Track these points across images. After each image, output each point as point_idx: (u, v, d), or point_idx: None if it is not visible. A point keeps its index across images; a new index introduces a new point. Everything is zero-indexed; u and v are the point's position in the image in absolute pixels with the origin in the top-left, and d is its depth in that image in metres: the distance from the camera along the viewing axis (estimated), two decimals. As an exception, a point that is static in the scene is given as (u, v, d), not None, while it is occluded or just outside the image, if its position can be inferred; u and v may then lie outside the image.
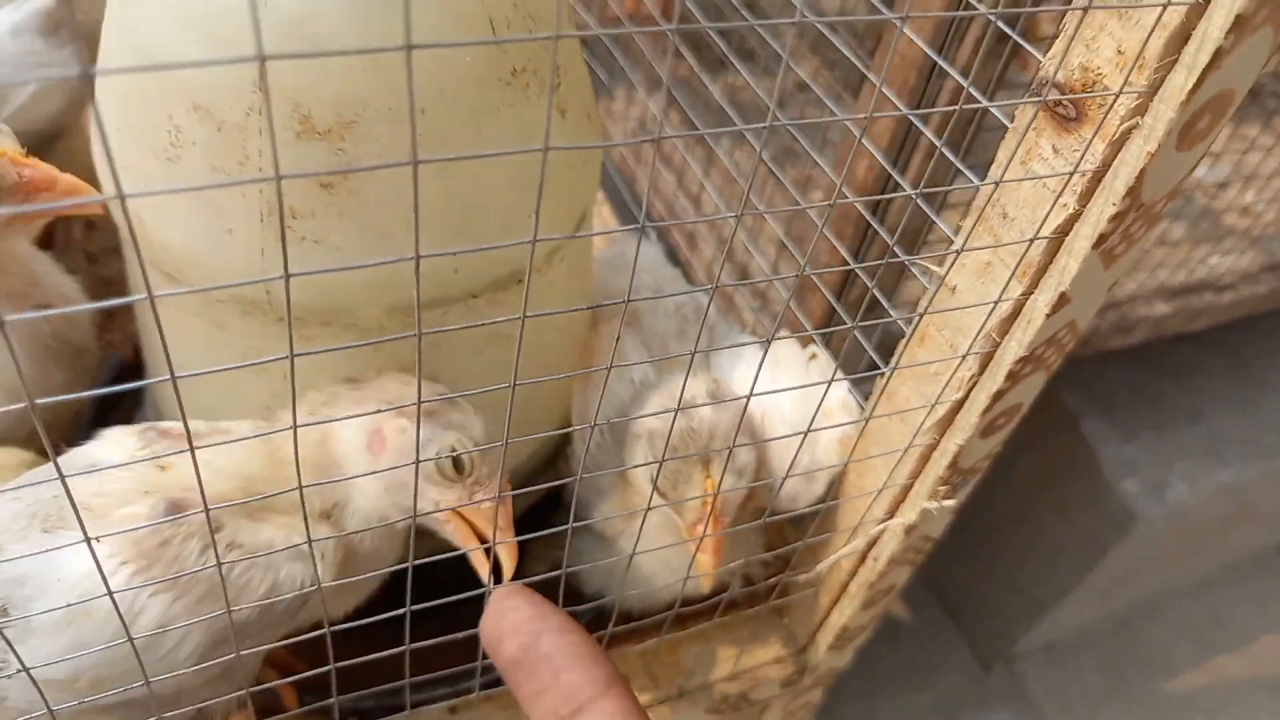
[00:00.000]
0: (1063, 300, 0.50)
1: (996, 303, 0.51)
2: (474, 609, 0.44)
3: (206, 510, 0.37)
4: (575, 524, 0.63)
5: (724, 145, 1.11)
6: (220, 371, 0.37)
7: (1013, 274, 0.51)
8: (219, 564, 0.41)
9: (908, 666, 1.53)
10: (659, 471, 0.62)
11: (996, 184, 0.49)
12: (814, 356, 0.70)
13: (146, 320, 0.64)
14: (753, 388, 0.51)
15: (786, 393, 0.68)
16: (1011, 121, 0.50)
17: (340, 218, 0.51)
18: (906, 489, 0.60)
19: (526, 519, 0.62)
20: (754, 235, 0.99)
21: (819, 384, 0.63)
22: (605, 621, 0.61)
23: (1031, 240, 0.49)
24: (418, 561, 0.46)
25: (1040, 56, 0.47)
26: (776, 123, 0.35)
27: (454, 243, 0.54)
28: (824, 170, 0.73)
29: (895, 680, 1.53)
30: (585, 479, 0.70)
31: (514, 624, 0.38)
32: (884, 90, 0.73)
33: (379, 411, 0.51)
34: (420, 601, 0.47)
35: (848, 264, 0.76)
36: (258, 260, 0.52)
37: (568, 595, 0.55)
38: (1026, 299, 0.51)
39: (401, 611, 0.49)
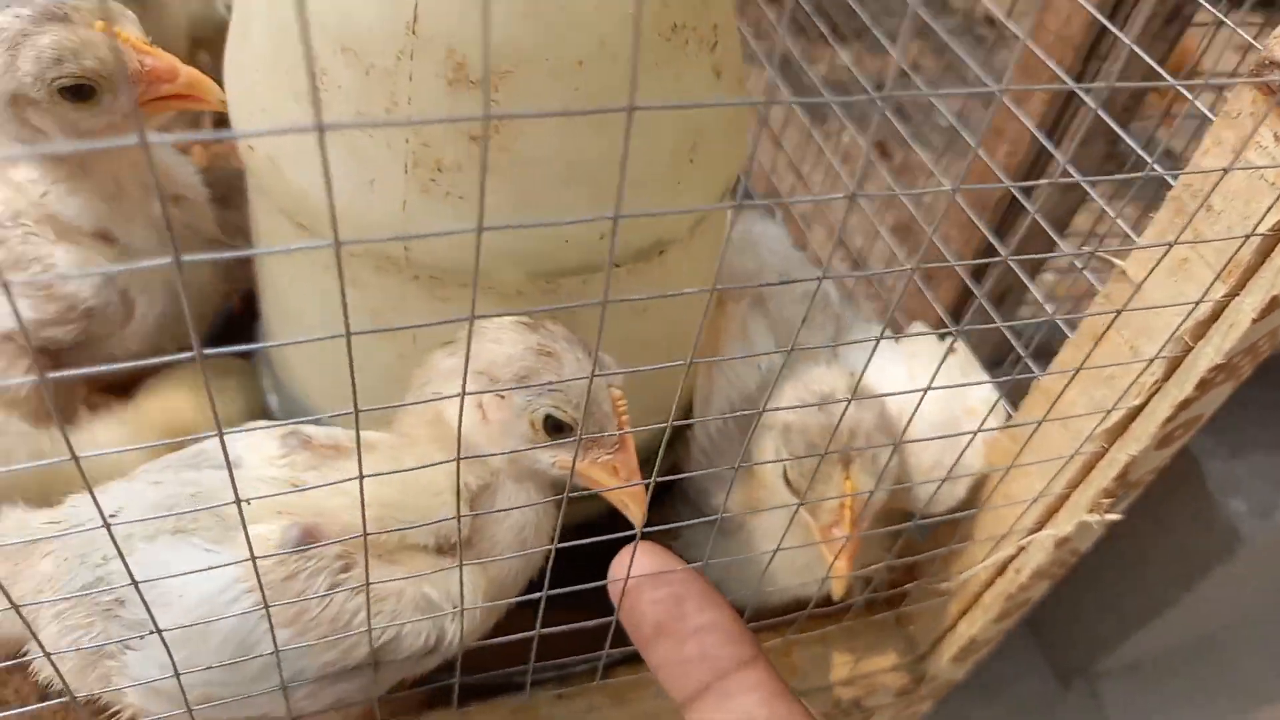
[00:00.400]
0: (1274, 304, 0.45)
1: (1196, 304, 0.47)
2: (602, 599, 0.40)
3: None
4: (697, 520, 0.60)
5: (834, 126, 1.07)
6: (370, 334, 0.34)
7: (1218, 275, 0.46)
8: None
9: (982, 677, 1.48)
10: (787, 468, 0.59)
11: (1225, 171, 0.44)
12: (953, 350, 0.66)
13: (271, 274, 0.61)
14: (914, 390, 0.47)
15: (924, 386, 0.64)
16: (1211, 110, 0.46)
17: (488, 174, 0.48)
18: (1063, 499, 0.56)
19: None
20: (880, 216, 0.94)
21: (981, 382, 0.59)
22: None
23: (1246, 237, 0.44)
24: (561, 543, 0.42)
25: None
26: (906, 92, 0.31)
27: (607, 206, 0.50)
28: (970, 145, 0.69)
29: (967, 691, 1.48)
30: (703, 465, 0.67)
31: (655, 586, 0.35)
32: (1042, 57, 0.68)
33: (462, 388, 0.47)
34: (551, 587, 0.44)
35: (989, 254, 0.72)
36: (399, 214, 0.49)
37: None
38: (1230, 301, 0.47)
39: (537, 596, 0.46)
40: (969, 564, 0.61)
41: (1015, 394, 0.61)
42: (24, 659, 0.44)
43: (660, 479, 0.46)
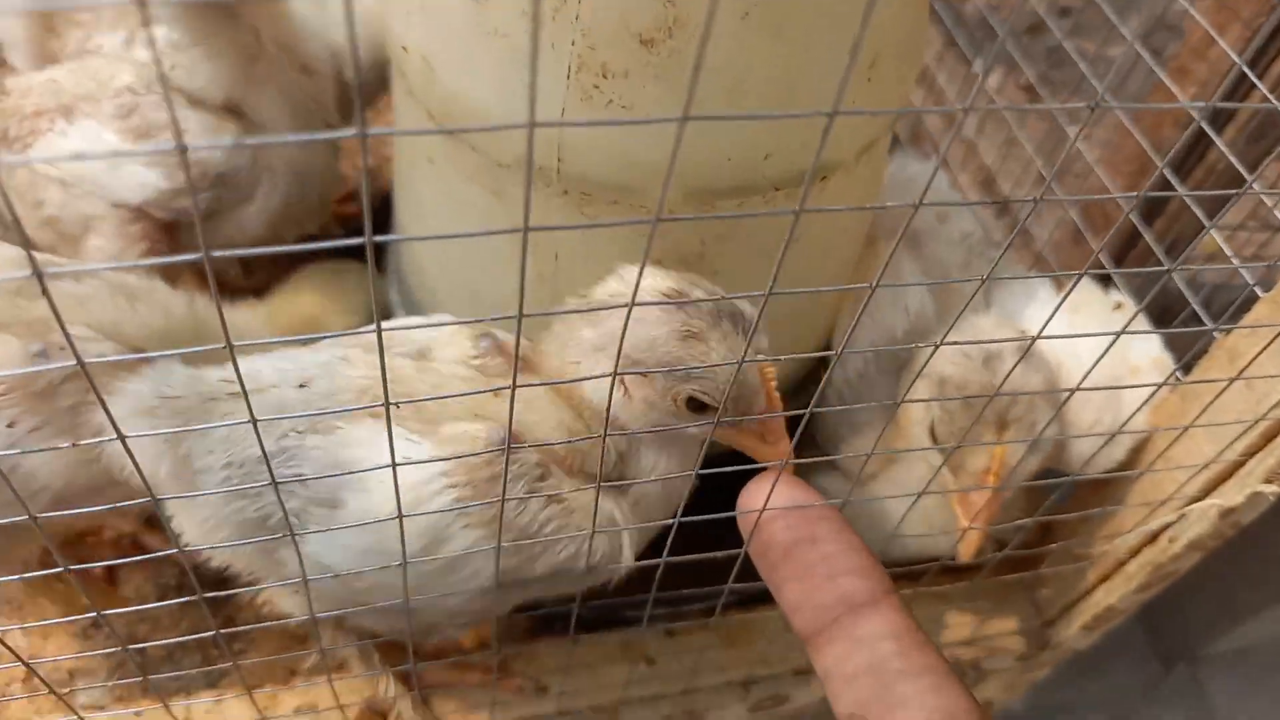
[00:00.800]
0: None
1: None
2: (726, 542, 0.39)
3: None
4: (820, 458, 0.57)
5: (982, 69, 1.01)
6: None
7: None
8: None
9: (1080, 650, 1.44)
10: (936, 422, 0.56)
11: None
12: (1119, 306, 0.62)
13: (409, 176, 0.60)
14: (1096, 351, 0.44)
15: (1088, 344, 0.60)
16: None
17: (655, 82, 0.45)
18: (1234, 466, 0.52)
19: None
20: (1051, 156, 0.89)
21: (1165, 330, 0.56)
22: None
23: None
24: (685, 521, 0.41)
25: None
26: None
27: (773, 121, 0.48)
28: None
29: (1064, 663, 1.44)
30: (838, 411, 0.65)
31: (789, 512, 0.33)
32: None
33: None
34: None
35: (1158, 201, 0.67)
36: (555, 118, 0.47)
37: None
38: None
39: (669, 522, 0.44)
40: (1118, 530, 0.58)
41: (1180, 353, 0.57)
42: (151, 556, 0.43)
43: (804, 411, 0.43)
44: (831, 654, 0.31)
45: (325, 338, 0.50)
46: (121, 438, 0.28)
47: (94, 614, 0.36)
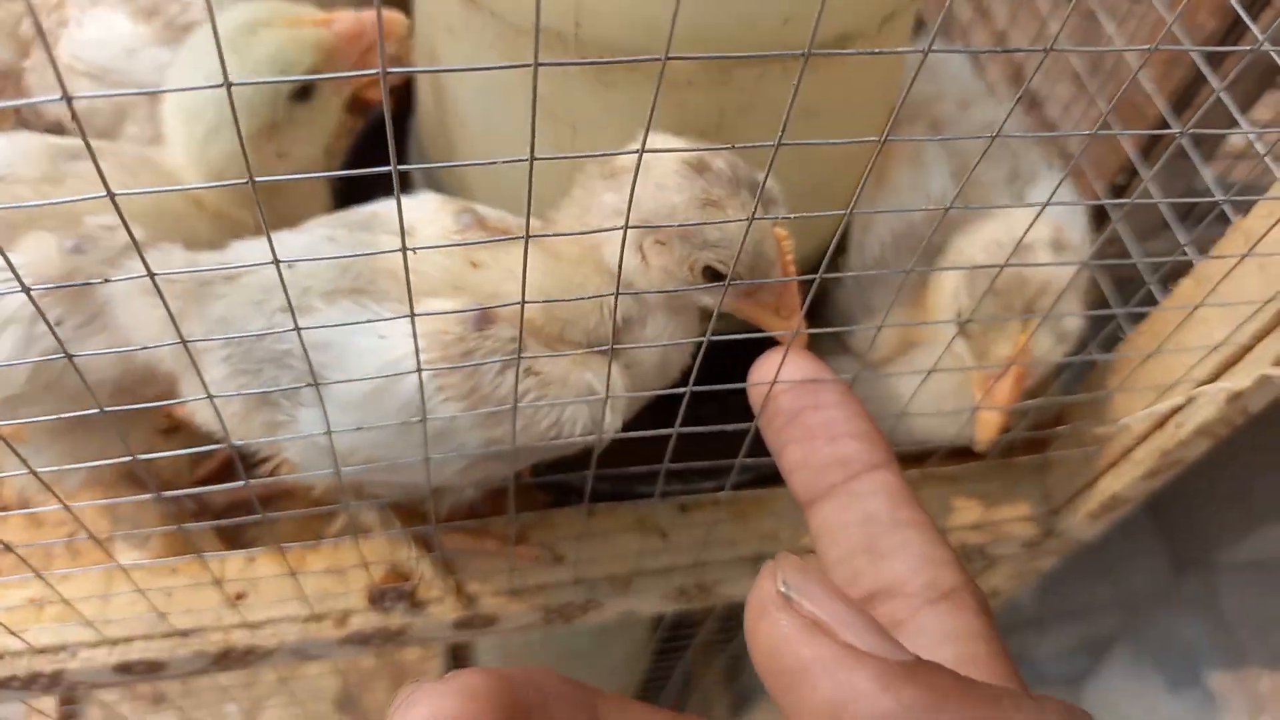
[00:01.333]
0: None
1: None
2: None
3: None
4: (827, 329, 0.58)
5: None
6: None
7: None
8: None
9: (1091, 551, 1.46)
10: (962, 310, 0.57)
11: None
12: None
13: (433, 51, 0.60)
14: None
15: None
16: None
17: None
18: (1244, 350, 0.53)
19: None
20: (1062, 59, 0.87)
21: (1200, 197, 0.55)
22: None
23: None
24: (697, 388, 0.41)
25: None
26: None
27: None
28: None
29: (1076, 565, 1.46)
30: (855, 295, 0.65)
31: (794, 378, 0.34)
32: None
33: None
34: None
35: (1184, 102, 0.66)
36: (574, -11, 0.47)
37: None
38: None
39: (682, 391, 0.45)
40: (1127, 413, 0.59)
41: (1201, 247, 0.57)
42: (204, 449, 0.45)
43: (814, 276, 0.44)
44: (824, 510, 0.32)
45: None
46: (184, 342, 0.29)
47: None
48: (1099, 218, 0.72)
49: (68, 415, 0.38)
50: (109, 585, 0.58)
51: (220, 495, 0.65)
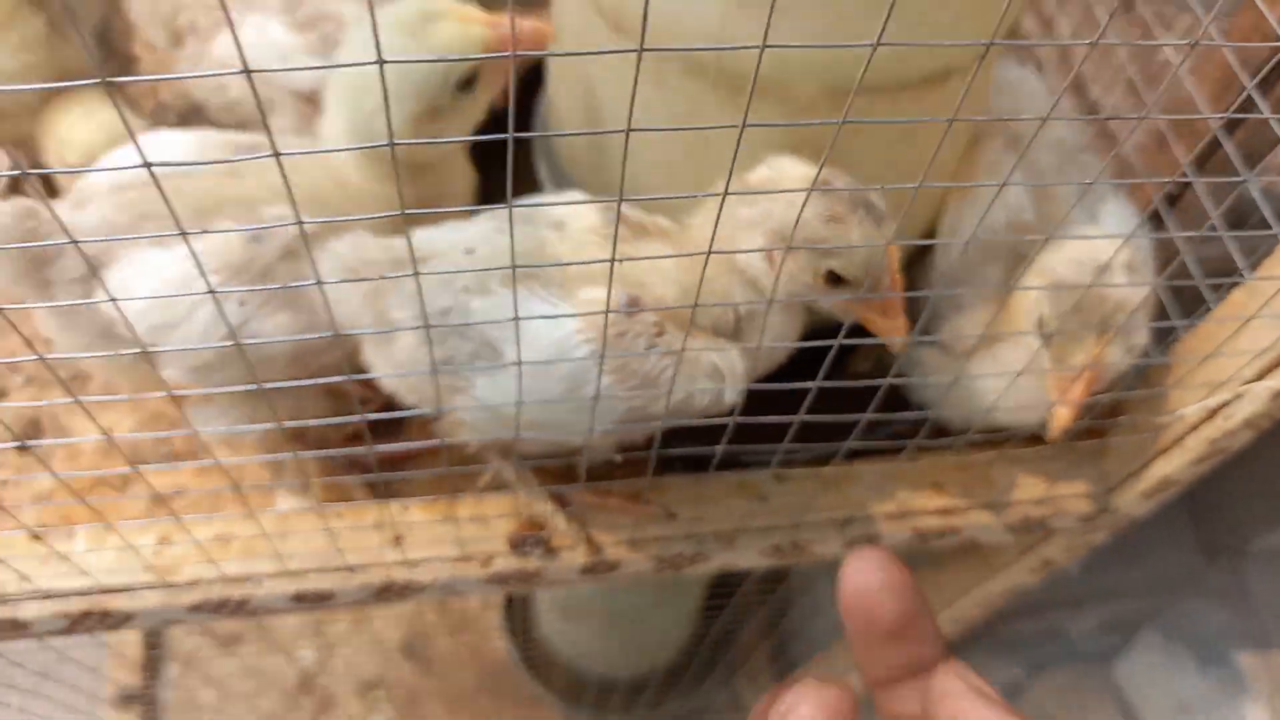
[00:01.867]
0: None
1: None
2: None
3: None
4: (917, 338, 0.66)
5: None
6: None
7: None
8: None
9: (1126, 537, 1.53)
10: (1044, 318, 0.64)
11: None
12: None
13: (571, 62, 0.68)
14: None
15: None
16: None
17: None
18: (1290, 352, 0.60)
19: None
20: (1121, 69, 0.94)
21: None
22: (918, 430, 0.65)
23: None
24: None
25: None
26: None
27: (906, 23, 0.54)
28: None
29: (1109, 550, 1.53)
30: (944, 293, 0.73)
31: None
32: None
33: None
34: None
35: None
36: (715, 25, 0.55)
37: (892, 400, 0.59)
38: None
39: (808, 386, 0.53)
40: (1181, 405, 0.66)
41: (1249, 255, 0.64)
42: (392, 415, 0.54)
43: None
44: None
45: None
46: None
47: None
48: (1155, 222, 0.79)
49: (317, 381, 0.47)
50: (286, 526, 0.67)
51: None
